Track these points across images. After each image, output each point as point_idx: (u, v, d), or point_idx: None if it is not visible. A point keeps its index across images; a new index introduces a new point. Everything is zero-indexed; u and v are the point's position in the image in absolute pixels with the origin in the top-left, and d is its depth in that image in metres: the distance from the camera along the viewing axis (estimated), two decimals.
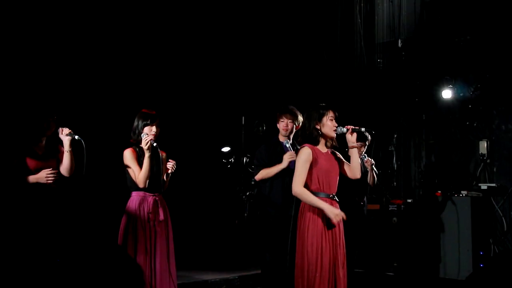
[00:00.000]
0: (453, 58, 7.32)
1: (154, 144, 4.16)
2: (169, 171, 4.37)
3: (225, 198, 6.76)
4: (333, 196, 3.87)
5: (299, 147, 4.59)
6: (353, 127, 3.89)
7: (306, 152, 3.83)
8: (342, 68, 7.92)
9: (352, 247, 5.92)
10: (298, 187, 3.81)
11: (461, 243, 6.55)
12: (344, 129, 3.88)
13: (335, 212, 3.74)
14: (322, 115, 3.89)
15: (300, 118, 4.88)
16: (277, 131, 5.00)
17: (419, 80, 7.65)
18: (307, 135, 3.93)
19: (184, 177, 4.91)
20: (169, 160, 4.39)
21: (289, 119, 4.89)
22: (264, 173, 4.81)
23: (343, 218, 3.88)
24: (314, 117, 3.92)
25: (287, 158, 4.69)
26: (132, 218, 4.19)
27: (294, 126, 4.86)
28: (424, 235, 6.90)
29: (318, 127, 3.90)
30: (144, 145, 4.16)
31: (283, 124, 4.89)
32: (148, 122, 4.23)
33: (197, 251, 6.51)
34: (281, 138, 4.96)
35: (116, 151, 4.40)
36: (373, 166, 5.66)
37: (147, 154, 4.14)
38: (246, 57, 7.24)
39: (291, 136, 4.89)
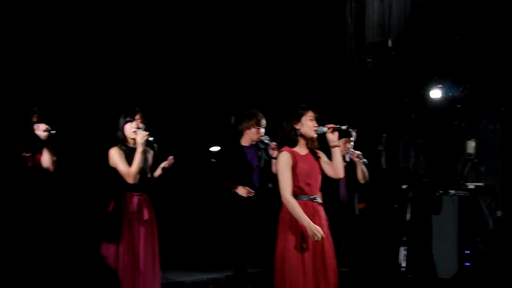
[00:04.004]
0: (443, 58, 7.34)
1: (151, 139, 4.16)
2: (165, 166, 4.38)
3: (213, 198, 6.63)
4: (315, 198, 3.86)
5: (275, 150, 4.70)
6: (334, 126, 3.84)
7: (285, 157, 3.79)
8: (332, 68, 7.93)
9: (338, 246, 6.00)
10: (288, 195, 3.75)
11: (448, 242, 6.60)
12: (325, 128, 3.84)
13: (314, 232, 3.64)
14: (301, 115, 3.84)
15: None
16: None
17: (408, 79, 7.67)
18: (286, 136, 3.87)
19: (172, 177, 4.86)
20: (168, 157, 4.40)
21: (264, 125, 5.00)
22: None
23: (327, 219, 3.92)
24: (292, 117, 3.86)
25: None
26: (118, 218, 4.18)
27: None
28: (412, 234, 6.89)
29: (297, 127, 3.85)
30: (139, 138, 4.14)
31: (260, 131, 5.00)
32: (128, 119, 4.25)
33: (184, 251, 6.53)
34: (247, 143, 5.09)
35: (102, 151, 4.40)
36: (361, 156, 5.65)
37: (140, 149, 4.14)
38: (236, 57, 7.23)
39: None
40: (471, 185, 6.92)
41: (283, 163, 3.78)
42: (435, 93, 7.29)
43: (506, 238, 6.82)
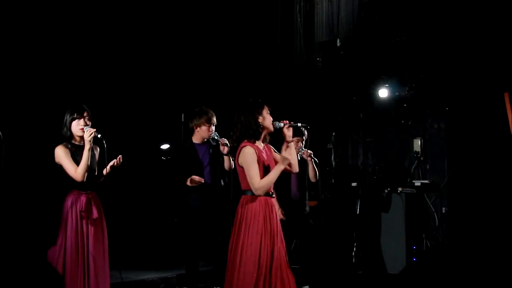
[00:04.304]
0: (389, 58, 7.51)
1: (99, 136, 4.10)
2: (114, 165, 4.30)
3: (164, 195, 6.70)
4: (272, 194, 3.90)
5: (227, 144, 4.76)
6: (290, 122, 3.91)
7: (250, 152, 3.78)
8: (282, 66, 8.00)
9: (289, 243, 6.02)
10: (257, 184, 3.75)
11: (396, 238, 6.77)
12: (281, 124, 3.90)
13: (287, 156, 3.80)
14: (262, 108, 3.87)
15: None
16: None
17: (356, 79, 7.82)
18: (250, 130, 3.85)
19: (122, 174, 4.83)
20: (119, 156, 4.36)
21: (215, 123, 5.09)
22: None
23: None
24: (254, 111, 3.86)
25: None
26: (64, 218, 4.14)
27: None
28: (362, 231, 7.11)
29: (259, 121, 3.86)
30: (87, 136, 4.08)
31: (210, 129, 5.08)
32: (75, 116, 4.17)
33: (136, 250, 6.52)
34: (198, 140, 5.16)
35: (46, 149, 4.34)
36: (312, 155, 5.69)
37: (87, 146, 4.09)
38: (186, 55, 7.22)
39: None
40: (417, 183, 7.10)
41: (250, 157, 3.77)
42: (383, 93, 7.45)
43: (450, 233, 7.06)
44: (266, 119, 3.87)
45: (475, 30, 6.80)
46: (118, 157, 4.32)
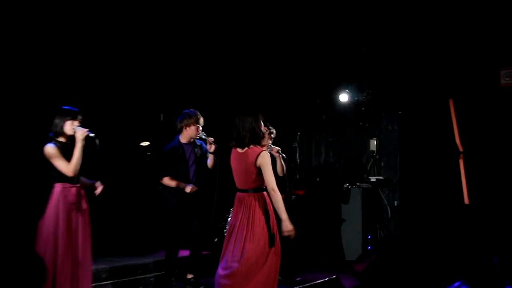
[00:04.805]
0: (350, 67, 7.97)
1: (91, 135, 4.33)
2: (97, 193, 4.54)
3: (144, 188, 6.86)
4: None
5: (214, 143, 5.14)
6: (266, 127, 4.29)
7: (269, 156, 4.03)
8: (255, 72, 8.17)
9: None
10: (274, 185, 3.96)
11: (353, 228, 7.25)
12: (264, 129, 4.22)
13: (290, 228, 4.01)
14: (259, 117, 4.08)
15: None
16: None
17: (320, 85, 8.24)
18: (258, 138, 4.07)
19: (106, 171, 5.00)
20: None
21: (202, 124, 5.38)
22: (168, 183, 5.39)
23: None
24: (259, 119, 4.07)
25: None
26: (56, 208, 4.28)
27: None
28: (323, 221, 7.55)
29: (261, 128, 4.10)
30: (80, 135, 4.29)
31: (198, 129, 5.36)
32: (70, 117, 4.37)
33: (116, 238, 6.59)
34: (185, 140, 5.43)
35: (32, 147, 4.56)
36: (280, 152, 5.84)
37: (79, 144, 4.30)
38: (164, 56, 7.23)
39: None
40: (373, 179, 7.59)
41: (269, 161, 4.00)
42: (343, 97, 7.94)
43: (401, 224, 7.56)
44: (262, 126, 4.12)
45: (424, 45, 7.30)
46: (99, 189, 4.53)
